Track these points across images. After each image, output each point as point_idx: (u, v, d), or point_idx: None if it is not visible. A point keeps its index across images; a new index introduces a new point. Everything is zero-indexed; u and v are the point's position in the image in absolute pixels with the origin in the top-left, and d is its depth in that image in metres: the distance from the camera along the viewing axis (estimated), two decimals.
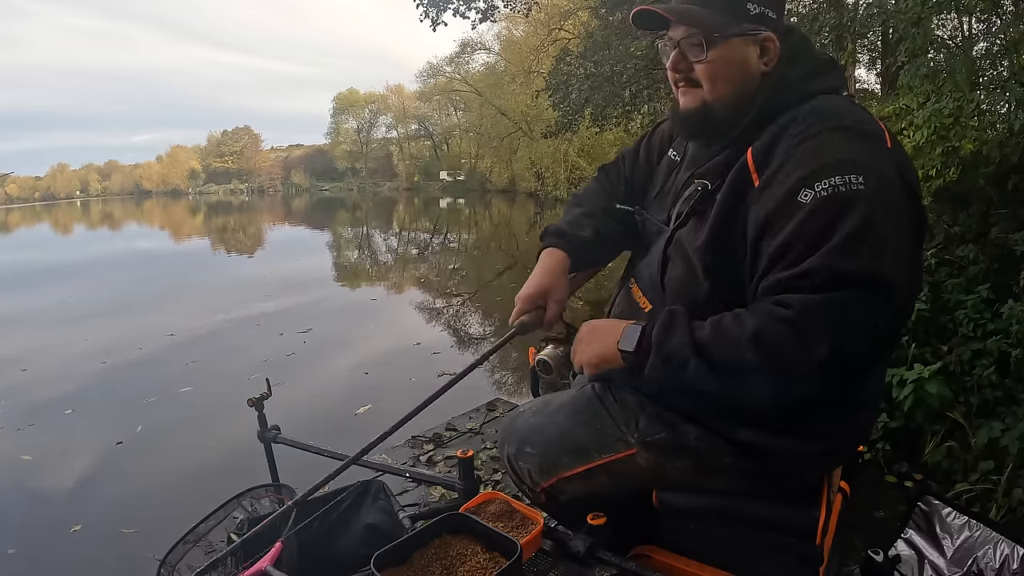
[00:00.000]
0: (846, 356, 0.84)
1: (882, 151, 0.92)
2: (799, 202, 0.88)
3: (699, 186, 1.04)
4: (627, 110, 8.91)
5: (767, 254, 0.91)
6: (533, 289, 1.18)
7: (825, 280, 0.84)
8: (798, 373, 0.86)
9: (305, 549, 1.39)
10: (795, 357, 0.85)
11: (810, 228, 0.87)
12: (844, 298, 0.84)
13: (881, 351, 0.93)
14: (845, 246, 0.84)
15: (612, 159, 1.41)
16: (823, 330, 0.83)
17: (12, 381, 5.36)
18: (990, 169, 3.65)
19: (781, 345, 0.85)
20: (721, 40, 0.99)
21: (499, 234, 18.10)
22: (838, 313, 0.84)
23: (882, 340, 0.89)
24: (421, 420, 3.34)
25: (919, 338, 3.05)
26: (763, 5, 1.00)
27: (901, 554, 1.47)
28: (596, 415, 1.14)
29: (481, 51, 33.10)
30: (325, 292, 9.31)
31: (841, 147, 0.90)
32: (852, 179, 0.86)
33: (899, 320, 0.92)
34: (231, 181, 66.66)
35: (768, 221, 0.91)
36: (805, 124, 0.94)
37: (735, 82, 1.01)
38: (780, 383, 0.87)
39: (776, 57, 1.01)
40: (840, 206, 0.86)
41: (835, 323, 0.84)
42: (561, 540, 1.05)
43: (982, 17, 4.30)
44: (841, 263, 0.84)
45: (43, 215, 44.92)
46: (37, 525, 3.05)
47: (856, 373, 0.88)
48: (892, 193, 0.89)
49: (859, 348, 0.85)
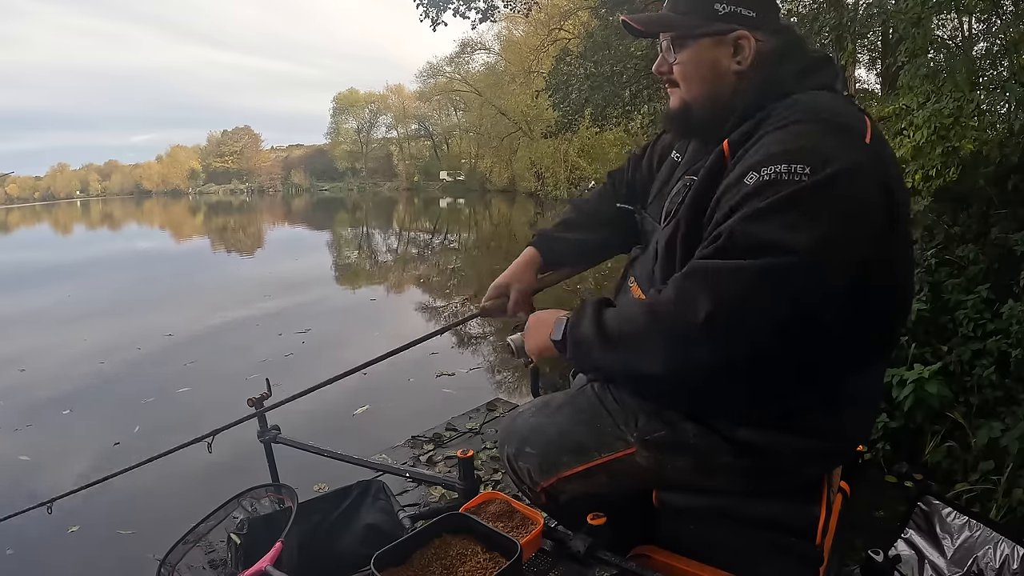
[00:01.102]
0: (729, 322, 0.82)
1: (855, 145, 0.89)
2: (743, 183, 0.87)
3: (687, 182, 1.06)
4: (627, 110, 8.92)
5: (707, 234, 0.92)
6: (500, 279, 1.37)
7: (725, 242, 0.84)
8: (684, 336, 0.85)
9: (305, 549, 1.39)
10: (676, 317, 0.86)
11: (738, 205, 0.86)
12: (737, 263, 0.82)
13: (783, 328, 0.83)
14: (757, 215, 0.84)
15: (612, 159, 1.45)
16: (704, 291, 0.83)
17: (11, 381, 5.36)
18: (990, 169, 3.65)
19: (665, 308, 0.87)
20: (690, 41, 1.03)
21: (499, 234, 18.10)
22: (723, 275, 0.83)
23: (779, 314, 0.82)
24: (421, 420, 3.37)
25: (919, 338, 3.05)
26: (735, 4, 1.00)
27: (901, 554, 1.47)
28: (595, 414, 1.14)
29: (481, 51, 33.15)
30: (324, 292, 9.30)
31: (802, 138, 0.88)
32: (797, 168, 0.84)
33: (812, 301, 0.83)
34: (231, 181, 66.70)
35: (716, 203, 0.92)
36: (781, 116, 0.93)
37: (706, 81, 1.04)
38: (669, 349, 0.87)
39: (751, 55, 1.01)
40: (774, 190, 0.84)
41: (718, 285, 0.82)
42: (561, 540, 1.05)
43: (982, 17, 4.30)
44: (746, 227, 0.83)
45: (43, 215, 44.92)
46: (35, 526, 3.04)
47: (749, 343, 0.83)
48: (849, 188, 0.85)
49: (745, 316, 0.82)
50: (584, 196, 1.51)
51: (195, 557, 1.45)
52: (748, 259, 0.82)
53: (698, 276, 0.85)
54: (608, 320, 0.96)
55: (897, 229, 0.93)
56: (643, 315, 0.91)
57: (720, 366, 0.86)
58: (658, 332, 0.89)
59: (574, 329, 1.01)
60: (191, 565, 1.43)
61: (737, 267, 0.83)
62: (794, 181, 0.84)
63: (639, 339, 0.91)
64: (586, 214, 1.40)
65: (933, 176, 3.47)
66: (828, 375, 0.95)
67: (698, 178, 1.00)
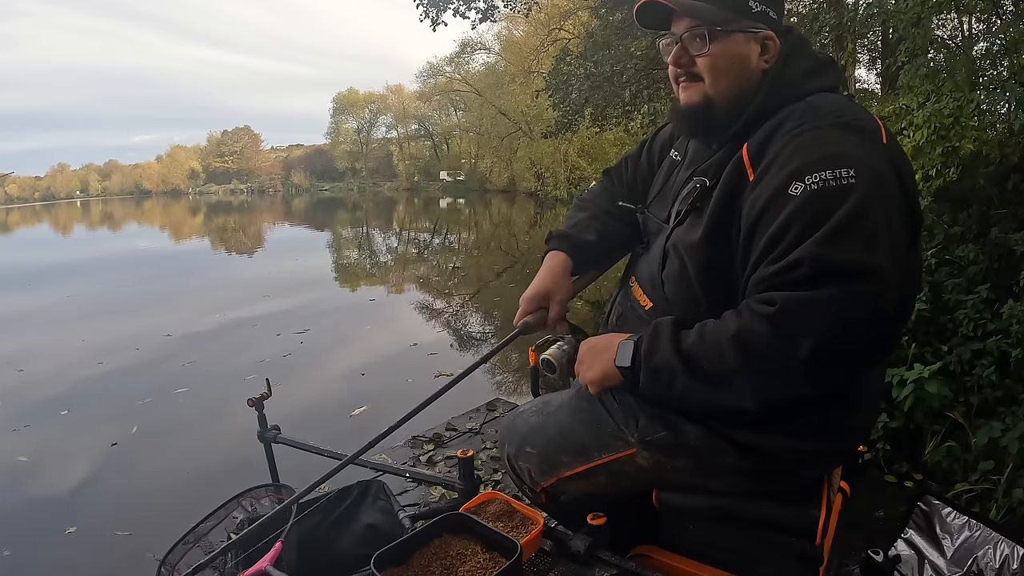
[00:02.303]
0: (832, 352, 0.83)
1: (876, 146, 0.91)
2: (790, 195, 0.88)
3: (698, 183, 1.05)
4: (627, 110, 8.92)
5: (757, 248, 0.91)
6: (536, 291, 1.21)
7: (810, 271, 0.84)
8: (784, 372, 0.85)
9: (305, 549, 1.39)
10: (778, 356, 0.84)
11: (798, 220, 0.86)
12: (830, 292, 0.82)
13: (873, 345, 0.87)
14: (832, 237, 0.84)
15: (612, 160, 1.42)
16: (806, 327, 0.82)
17: (9, 381, 5.35)
18: (990, 169, 3.65)
19: (763, 345, 0.85)
20: (723, 34, 1.00)
21: (499, 234, 18.09)
22: (822, 308, 0.82)
23: (872, 334, 0.85)
24: (421, 420, 3.35)
25: (919, 338, 3.04)
26: (765, 4, 1.01)
27: (901, 554, 1.47)
28: (596, 415, 1.14)
29: (481, 51, 33.17)
30: (323, 293, 9.28)
31: (834, 142, 0.90)
32: (843, 173, 0.85)
33: (892, 314, 0.87)
34: (231, 181, 66.67)
35: (759, 215, 0.91)
36: (800, 120, 0.94)
37: (736, 76, 1.02)
38: (767, 384, 0.87)
39: (776, 56, 1.02)
40: (830, 199, 0.85)
41: (819, 319, 0.82)
42: (561, 540, 1.05)
43: (982, 17, 4.30)
44: (827, 253, 0.83)
45: (43, 215, 44.89)
46: (32, 527, 3.04)
47: (847, 368, 0.86)
48: (885, 188, 0.88)
49: (846, 343, 0.83)
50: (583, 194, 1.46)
51: (195, 557, 1.45)
52: (835, 287, 0.82)
53: (793, 311, 0.83)
54: (692, 349, 0.91)
55: (916, 228, 0.95)
56: (734, 349, 0.87)
57: (816, 395, 0.88)
58: (754, 368, 0.87)
59: (651, 356, 0.95)
60: (191, 565, 1.42)
61: (828, 297, 0.82)
62: (842, 186, 0.85)
63: (731, 373, 0.88)
64: (600, 211, 1.32)
65: (933, 176, 3.47)
66: None
67: (719, 186, 0.99)
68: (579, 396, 1.18)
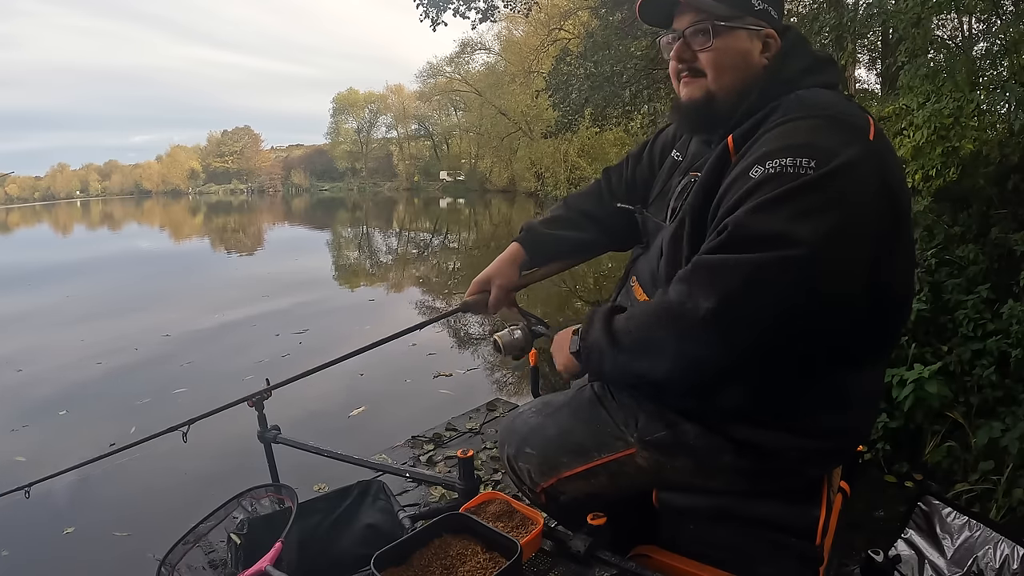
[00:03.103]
0: (735, 314, 0.82)
1: (859, 142, 0.89)
2: (748, 177, 0.88)
3: (692, 179, 1.06)
4: (627, 110, 8.92)
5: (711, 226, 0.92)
6: (482, 275, 1.35)
7: (728, 237, 0.84)
8: (691, 332, 0.85)
9: (305, 549, 1.39)
10: (682, 313, 0.85)
11: (745, 198, 0.86)
12: (742, 257, 0.82)
13: (794, 320, 0.83)
14: (760, 207, 0.84)
15: (612, 160, 1.43)
16: (709, 286, 0.82)
17: (7, 382, 5.35)
18: (990, 169, 3.65)
19: (670, 306, 0.87)
20: (727, 30, 1.01)
21: (499, 234, 18.08)
22: (728, 269, 0.82)
23: (791, 312, 0.82)
24: (421, 420, 3.36)
25: (919, 338, 3.05)
26: (767, 3, 1.02)
27: (901, 554, 1.47)
28: (595, 415, 1.14)
29: (481, 51, 33.21)
30: (323, 293, 9.28)
31: (808, 133, 0.89)
32: (803, 162, 0.85)
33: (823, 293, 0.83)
34: (231, 181, 66.70)
35: (721, 197, 0.92)
36: (786, 111, 0.95)
37: (738, 72, 1.02)
38: (679, 350, 0.87)
39: (775, 52, 1.03)
40: (779, 183, 0.84)
41: (723, 279, 0.82)
42: (561, 540, 1.05)
43: (982, 17, 4.30)
44: (749, 220, 0.83)
45: (43, 215, 44.89)
46: (30, 527, 3.04)
47: (757, 337, 0.83)
48: (852, 184, 0.85)
49: (751, 308, 0.82)
50: (578, 190, 1.48)
51: (195, 557, 1.45)
52: (752, 252, 0.82)
53: (701, 271, 0.85)
54: (617, 324, 0.96)
55: (899, 227, 0.93)
56: (648, 315, 0.91)
57: (725, 362, 0.86)
58: (663, 330, 0.88)
59: (586, 337, 1.01)
60: (191, 565, 1.42)
61: (740, 260, 0.82)
62: (799, 174, 0.84)
63: (646, 340, 0.91)
64: (576, 211, 1.38)
65: (933, 176, 3.47)
66: (829, 374, 0.95)
67: (702, 173, 1.00)
68: (579, 396, 1.18)
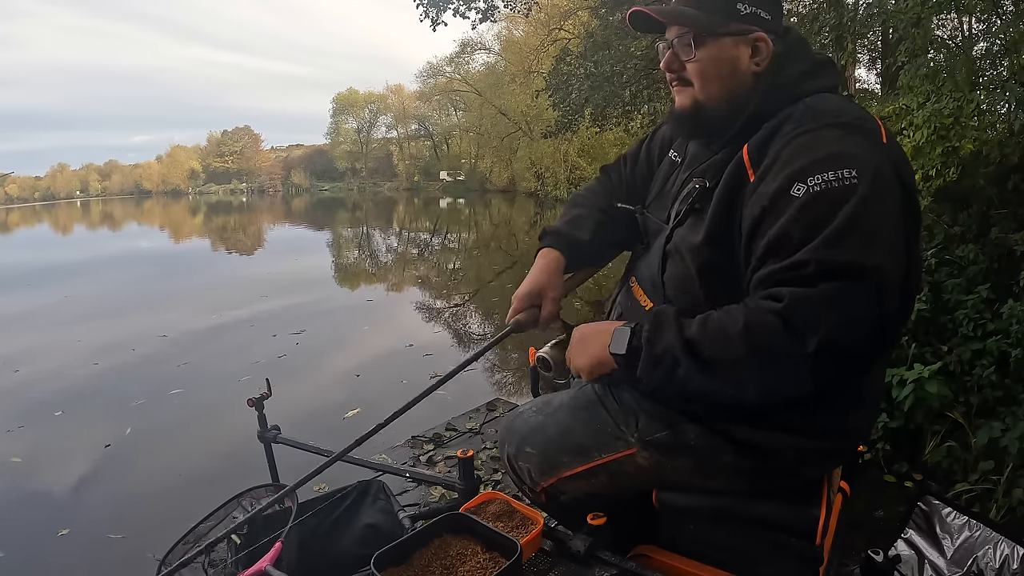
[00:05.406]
0: (838, 348, 0.84)
1: (877, 147, 0.92)
2: (792, 196, 0.88)
3: (697, 184, 1.05)
4: (627, 110, 8.92)
5: (760, 248, 0.91)
6: (528, 288, 1.20)
7: (815, 272, 0.84)
8: (790, 366, 0.85)
9: (305, 549, 1.39)
10: (786, 349, 0.84)
11: (802, 221, 0.87)
12: (834, 289, 0.83)
13: (875, 344, 0.88)
14: (835, 238, 0.84)
15: (613, 159, 1.41)
16: (814, 321, 0.83)
17: (4, 382, 5.34)
18: (990, 169, 3.65)
19: (772, 338, 0.85)
20: (711, 39, 1.01)
21: (499, 234, 18.09)
22: (829, 304, 0.83)
23: (875, 332, 0.86)
24: (421, 420, 3.36)
25: (919, 338, 3.04)
26: (755, 5, 1.01)
27: (901, 554, 1.47)
28: (596, 415, 1.14)
29: (481, 51, 33.17)
30: (321, 293, 9.27)
31: (835, 142, 0.90)
32: (845, 174, 0.86)
33: (894, 313, 0.88)
34: (231, 181, 66.69)
35: (762, 216, 0.91)
36: (800, 121, 0.95)
37: (725, 80, 1.02)
38: (772, 377, 0.87)
39: (769, 57, 1.02)
40: (832, 200, 0.86)
41: (826, 314, 0.83)
42: (561, 540, 1.05)
43: (982, 17, 4.30)
44: (831, 255, 0.84)
45: (43, 215, 44.88)
46: (25, 528, 3.03)
47: (850, 367, 0.87)
48: (886, 188, 0.88)
49: (850, 340, 0.84)
50: (579, 191, 1.45)
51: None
52: (841, 285, 0.83)
53: (800, 306, 0.84)
54: (697, 337, 0.91)
55: (915, 227, 0.95)
56: (742, 340, 0.87)
57: (814, 390, 0.88)
58: (760, 360, 0.87)
59: (653, 343, 0.94)
60: (191, 566, 1.42)
61: (833, 293, 0.83)
62: (844, 187, 0.86)
63: (736, 363, 0.88)
64: (595, 209, 1.31)
65: (933, 176, 3.47)
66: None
67: (719, 187, 0.99)
68: (579, 396, 1.18)
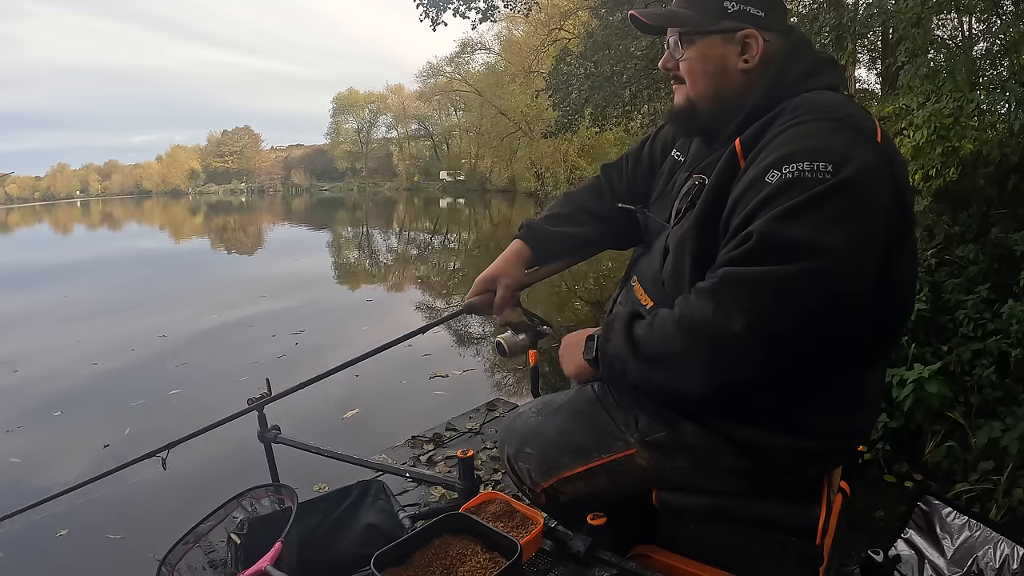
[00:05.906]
0: (770, 330, 0.81)
1: (868, 144, 0.89)
2: (765, 182, 0.87)
3: (696, 181, 1.06)
4: (627, 110, 8.93)
5: (728, 232, 0.91)
6: (486, 274, 1.30)
7: (756, 246, 0.83)
8: (721, 350, 0.84)
9: (305, 549, 1.39)
10: (713, 331, 0.83)
11: (765, 204, 0.86)
12: (773, 269, 0.81)
13: (825, 332, 0.83)
14: (786, 214, 0.83)
15: (612, 159, 1.42)
16: (742, 300, 0.81)
17: (3, 382, 5.34)
18: (990, 169, 3.65)
19: (700, 320, 0.85)
20: (698, 37, 1.03)
21: (499, 234, 18.08)
22: (761, 282, 0.81)
23: (823, 318, 0.82)
24: (421, 420, 3.35)
25: (919, 338, 3.05)
26: (744, 3, 1.01)
27: (901, 554, 1.47)
28: (596, 415, 1.13)
29: (481, 51, 33.23)
30: (321, 293, 9.27)
31: (820, 136, 0.89)
32: (820, 166, 0.84)
33: (858, 305, 0.84)
34: (231, 181, 66.76)
35: (736, 202, 0.91)
36: (794, 112, 0.94)
37: (711, 78, 1.03)
38: (708, 364, 0.86)
39: (759, 54, 1.01)
40: (803, 188, 0.84)
41: (757, 293, 0.81)
42: (561, 540, 1.05)
43: (982, 17, 4.31)
44: (777, 228, 0.82)
45: (43, 215, 44.89)
46: (24, 529, 3.03)
47: (792, 353, 0.83)
48: (869, 186, 0.86)
49: (785, 322, 0.81)
50: (572, 188, 1.47)
51: (195, 557, 1.45)
52: (781, 263, 0.81)
53: (731, 285, 0.83)
54: (640, 335, 0.93)
55: (907, 227, 0.93)
56: (676, 328, 0.87)
57: (759, 376, 0.85)
58: (696, 346, 0.86)
59: (605, 346, 0.98)
60: (191, 565, 1.42)
61: (770, 273, 0.81)
62: (818, 179, 0.84)
63: (676, 355, 0.88)
64: (577, 207, 1.34)
65: (933, 176, 3.47)
66: (830, 375, 0.95)
67: (711, 177, 0.99)
68: (579, 397, 1.18)
